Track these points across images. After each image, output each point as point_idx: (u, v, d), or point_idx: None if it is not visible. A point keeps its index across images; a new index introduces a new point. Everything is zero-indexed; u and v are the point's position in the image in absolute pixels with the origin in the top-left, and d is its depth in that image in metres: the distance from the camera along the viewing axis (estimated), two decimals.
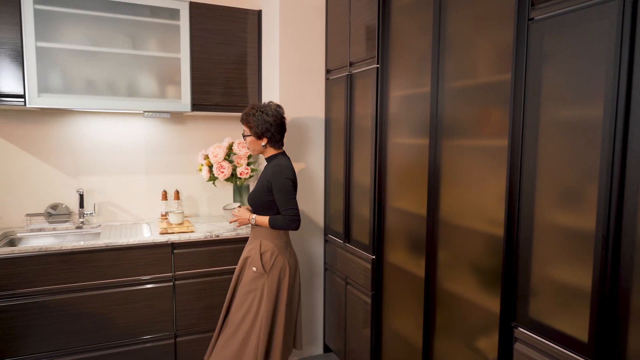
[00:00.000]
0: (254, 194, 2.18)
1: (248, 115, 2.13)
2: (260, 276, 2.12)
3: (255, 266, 2.12)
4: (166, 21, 2.65)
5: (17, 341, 2.26)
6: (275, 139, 2.14)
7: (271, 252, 2.12)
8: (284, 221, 2.07)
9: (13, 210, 2.71)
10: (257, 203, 2.16)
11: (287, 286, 2.15)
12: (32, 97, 2.38)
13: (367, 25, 2.22)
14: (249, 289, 2.14)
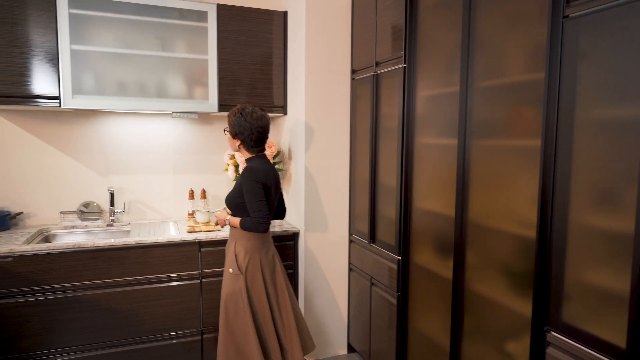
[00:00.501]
0: (230, 196, 2.19)
1: (230, 114, 2.18)
2: (237, 277, 2.12)
3: (232, 267, 2.14)
4: (194, 23, 2.70)
5: (51, 334, 2.33)
6: (248, 144, 2.15)
7: (245, 252, 2.12)
8: (251, 223, 2.07)
9: (47, 208, 2.80)
10: (231, 204, 2.18)
11: (263, 287, 2.14)
12: (66, 98, 2.46)
13: (394, 24, 2.21)
14: (231, 291, 2.15)
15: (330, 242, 2.76)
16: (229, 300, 2.15)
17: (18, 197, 2.74)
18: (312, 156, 2.68)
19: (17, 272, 2.25)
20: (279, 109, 2.95)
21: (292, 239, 2.78)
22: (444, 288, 1.91)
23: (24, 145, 2.73)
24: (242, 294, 2.11)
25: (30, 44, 2.39)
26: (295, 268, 2.81)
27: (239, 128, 2.13)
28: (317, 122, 2.67)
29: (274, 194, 2.19)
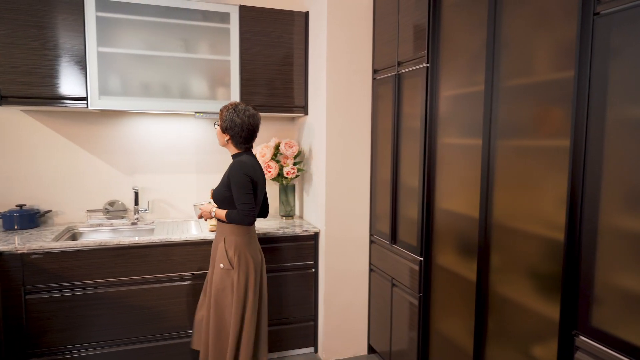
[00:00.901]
0: (217, 189, 2.22)
1: (223, 109, 2.21)
2: (228, 272, 2.15)
3: (222, 262, 2.16)
4: (217, 25, 2.73)
5: (76, 330, 2.39)
6: (237, 140, 2.18)
7: (234, 248, 2.15)
8: (237, 215, 2.10)
9: (75, 206, 2.87)
10: (219, 198, 2.20)
11: (253, 282, 2.18)
12: (93, 99, 2.51)
13: (417, 24, 2.19)
14: (221, 287, 2.17)
15: (350, 242, 2.76)
16: (219, 295, 2.17)
17: (47, 196, 2.82)
18: (332, 156, 2.68)
19: (46, 268, 2.31)
20: (299, 109, 2.96)
21: (313, 239, 2.79)
22: (467, 290, 1.89)
23: (52, 145, 2.80)
24: (233, 289, 2.15)
25: (59, 47, 2.46)
26: (315, 268, 2.81)
27: (230, 123, 2.16)
28: (338, 122, 2.67)
29: (260, 191, 2.22)
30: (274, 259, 2.71)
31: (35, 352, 2.35)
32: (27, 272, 2.28)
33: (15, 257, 2.26)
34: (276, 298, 2.74)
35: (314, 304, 2.84)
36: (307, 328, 2.85)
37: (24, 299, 2.29)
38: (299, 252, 2.76)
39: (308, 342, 2.87)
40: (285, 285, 2.75)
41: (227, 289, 2.16)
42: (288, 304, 2.78)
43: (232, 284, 2.15)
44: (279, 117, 3.22)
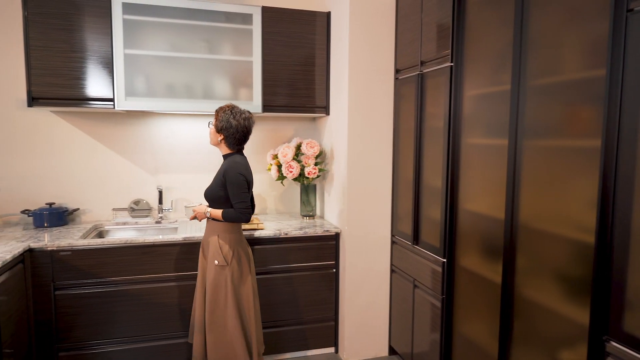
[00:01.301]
0: (210, 189, 2.24)
1: (220, 110, 2.24)
2: (223, 269, 2.19)
3: (217, 259, 2.19)
4: (239, 26, 2.76)
5: (103, 325, 2.45)
6: (231, 141, 2.22)
7: (229, 245, 2.20)
8: (235, 214, 2.16)
9: (101, 205, 2.94)
10: (212, 197, 2.23)
11: (247, 276, 2.25)
12: (120, 100, 2.57)
13: (440, 22, 2.17)
14: (216, 283, 2.20)
15: (371, 242, 2.75)
16: (214, 291, 2.20)
17: (75, 194, 2.89)
18: (354, 156, 2.67)
19: (74, 265, 2.37)
20: (321, 109, 2.97)
21: (334, 239, 2.79)
22: (492, 292, 1.86)
23: (80, 145, 2.88)
24: (228, 285, 2.18)
25: (87, 49, 2.52)
26: (336, 268, 2.81)
27: (226, 124, 2.19)
28: (360, 122, 2.66)
29: (251, 190, 2.27)
30: (294, 258, 2.72)
31: (64, 347, 2.41)
32: (56, 268, 2.35)
33: (45, 253, 2.33)
34: (297, 298, 2.75)
35: (335, 304, 2.84)
36: (328, 328, 2.85)
37: (53, 295, 2.36)
38: (320, 252, 2.76)
39: (329, 342, 2.87)
40: (306, 285, 2.76)
41: (222, 285, 2.20)
42: (309, 304, 2.78)
43: (227, 279, 2.19)
44: (300, 117, 3.23)
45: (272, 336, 2.73)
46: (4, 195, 2.79)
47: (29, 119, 2.78)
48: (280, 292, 2.71)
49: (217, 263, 2.19)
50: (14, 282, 2.13)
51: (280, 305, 2.72)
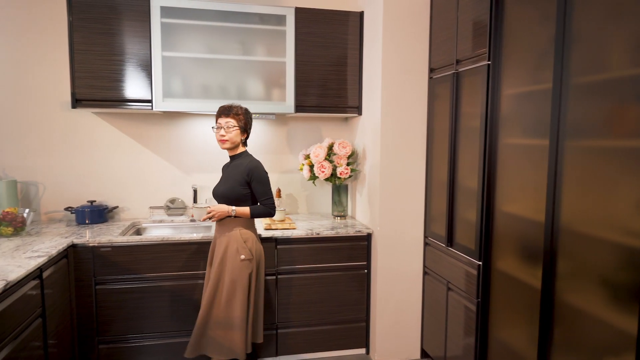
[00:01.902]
0: (230, 188, 2.24)
1: (241, 112, 2.27)
2: (248, 263, 2.21)
3: (244, 254, 2.20)
4: (273, 27, 2.79)
5: (141, 320, 2.52)
6: (246, 140, 2.36)
7: (251, 240, 2.26)
8: (264, 209, 2.25)
9: (139, 203, 3.03)
10: (234, 196, 2.23)
11: (263, 272, 2.34)
12: (157, 101, 2.64)
13: (477, 20, 2.12)
14: (235, 278, 2.20)
15: (404, 243, 2.72)
16: (234, 286, 2.19)
17: (114, 193, 3.00)
18: (387, 156, 2.65)
19: (114, 260, 2.45)
20: (353, 110, 2.96)
21: (366, 240, 2.78)
22: (530, 297, 1.80)
23: (119, 145, 2.98)
24: (252, 278, 2.24)
25: (126, 52, 2.61)
26: (368, 269, 2.80)
27: (249, 124, 2.32)
28: (393, 122, 2.64)
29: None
30: (326, 258, 2.72)
31: (103, 339, 2.50)
32: (97, 264, 2.44)
33: (87, 249, 2.42)
34: (328, 298, 2.75)
35: (366, 305, 2.83)
36: (359, 329, 2.84)
37: (94, 289, 2.45)
38: (351, 253, 2.76)
39: (360, 343, 2.86)
40: (337, 285, 2.76)
41: (244, 279, 2.21)
42: (340, 304, 2.78)
43: (251, 273, 2.23)
44: (332, 117, 3.23)
45: (304, 335, 2.75)
46: (49, 193, 2.92)
47: (72, 120, 2.90)
48: (311, 292, 2.72)
49: (244, 257, 2.22)
50: (58, 276, 2.22)
51: (311, 304, 2.73)
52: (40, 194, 2.91)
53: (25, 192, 2.88)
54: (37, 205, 2.90)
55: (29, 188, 2.89)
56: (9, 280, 1.69)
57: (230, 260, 2.22)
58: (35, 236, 2.46)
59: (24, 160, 2.86)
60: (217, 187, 2.31)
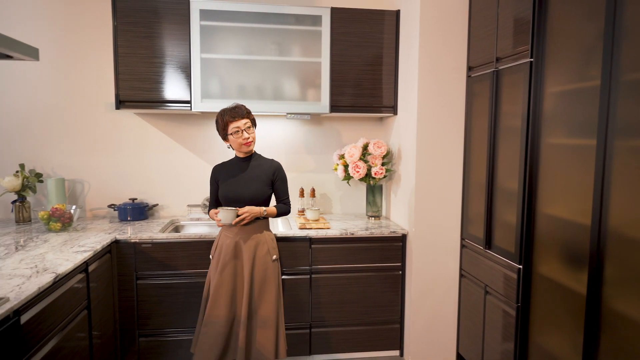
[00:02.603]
0: (259, 189, 2.22)
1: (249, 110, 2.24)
2: (277, 263, 2.28)
3: (275, 254, 2.27)
4: (309, 28, 2.80)
5: (179, 315, 2.59)
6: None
7: (275, 240, 2.33)
8: (286, 208, 2.32)
9: (177, 201, 3.12)
10: (262, 198, 2.24)
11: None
12: (196, 102, 2.71)
13: (519, 16, 2.06)
14: (269, 279, 2.23)
15: (440, 245, 2.67)
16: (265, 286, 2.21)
17: (154, 191, 3.09)
18: (423, 157, 2.61)
19: (154, 257, 2.53)
20: (388, 109, 2.94)
21: (400, 241, 2.75)
22: (575, 303, 1.73)
23: (159, 145, 3.07)
24: (279, 277, 2.30)
25: (166, 55, 2.69)
26: (402, 270, 2.77)
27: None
28: (429, 121, 2.60)
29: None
30: (360, 259, 2.71)
31: (143, 333, 2.58)
32: (138, 259, 2.52)
33: (129, 245, 2.51)
34: (362, 298, 2.74)
35: (401, 307, 2.80)
36: (393, 330, 2.81)
37: (135, 284, 2.54)
38: (385, 254, 2.74)
39: (393, 344, 2.83)
40: (371, 286, 2.74)
41: (275, 278, 2.25)
42: (373, 305, 2.76)
43: (279, 272, 2.31)
44: (366, 117, 3.21)
45: (337, 335, 2.75)
46: (94, 190, 3.04)
47: (116, 121, 3.01)
48: (344, 292, 2.72)
49: (275, 258, 2.26)
50: (102, 271, 2.31)
51: (344, 304, 2.73)
52: (85, 192, 3.04)
53: (72, 190, 3.02)
54: (82, 202, 3.04)
55: (76, 186, 3.02)
56: (58, 273, 1.78)
57: (261, 262, 2.21)
58: (81, 231, 2.58)
59: (71, 159, 3.00)
60: (241, 190, 2.21)
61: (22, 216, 2.81)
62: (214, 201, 2.32)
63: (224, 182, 2.24)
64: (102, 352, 2.28)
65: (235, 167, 2.27)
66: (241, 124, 2.16)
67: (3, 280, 1.66)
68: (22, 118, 2.93)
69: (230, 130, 2.16)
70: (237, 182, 2.23)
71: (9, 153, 2.93)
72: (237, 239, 2.21)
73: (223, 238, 2.24)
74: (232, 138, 2.18)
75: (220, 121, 2.19)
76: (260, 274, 2.21)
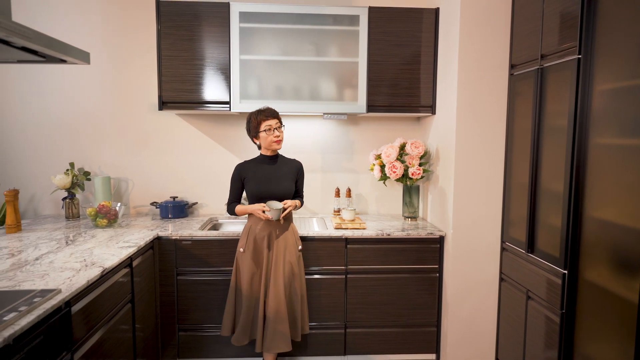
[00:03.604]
0: (290, 186, 2.37)
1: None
2: (300, 253, 2.43)
3: (300, 245, 2.45)
4: (346, 27, 2.80)
5: (215, 311, 2.65)
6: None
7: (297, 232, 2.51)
8: (303, 201, 2.54)
9: (215, 199, 3.19)
10: (290, 193, 2.38)
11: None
12: (235, 103, 2.76)
13: (566, 12, 1.98)
14: (298, 270, 2.39)
15: (479, 248, 2.60)
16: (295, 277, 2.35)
17: (193, 189, 3.18)
18: (462, 157, 2.56)
19: (194, 253, 2.60)
20: (426, 109, 2.89)
21: (438, 242, 2.70)
22: (625, 312, 1.65)
23: (199, 145, 3.15)
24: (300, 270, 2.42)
25: (207, 57, 2.75)
26: (440, 272, 2.72)
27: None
28: (469, 121, 2.54)
29: None
30: (396, 260, 2.68)
31: (183, 327, 2.66)
32: (178, 255, 2.60)
33: (170, 242, 2.59)
34: (397, 300, 2.71)
35: (437, 310, 2.75)
36: (429, 334, 2.77)
37: (176, 279, 2.61)
38: (422, 255, 2.70)
39: (429, 348, 2.79)
40: (406, 288, 2.71)
41: (302, 267, 2.44)
42: (409, 307, 2.73)
43: (302, 261, 2.47)
44: (403, 117, 3.18)
45: (372, 336, 2.73)
46: (137, 188, 3.16)
47: (158, 122, 3.12)
48: (380, 293, 2.70)
49: (301, 248, 2.44)
50: (145, 266, 2.40)
51: (380, 305, 2.71)
52: (129, 190, 3.16)
53: (117, 188, 3.15)
54: (127, 200, 3.16)
55: (120, 184, 3.15)
56: (106, 267, 1.86)
57: (291, 253, 2.35)
58: (126, 228, 2.68)
59: (116, 158, 3.13)
60: (274, 187, 2.34)
61: (71, 212, 2.95)
62: (235, 198, 2.43)
63: (252, 179, 2.36)
64: (144, 345, 2.36)
65: (263, 165, 2.40)
66: (273, 122, 2.32)
67: (55, 272, 1.75)
68: (72, 119, 3.08)
69: (263, 127, 2.31)
70: (268, 179, 2.35)
71: (59, 152, 3.09)
72: (270, 230, 2.34)
73: (254, 230, 2.36)
74: (264, 135, 2.32)
75: (253, 120, 2.34)
76: (290, 263, 2.34)
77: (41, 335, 1.39)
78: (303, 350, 2.71)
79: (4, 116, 3.05)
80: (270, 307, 2.30)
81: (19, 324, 1.27)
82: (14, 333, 1.23)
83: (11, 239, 2.34)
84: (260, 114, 2.32)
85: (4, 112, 3.05)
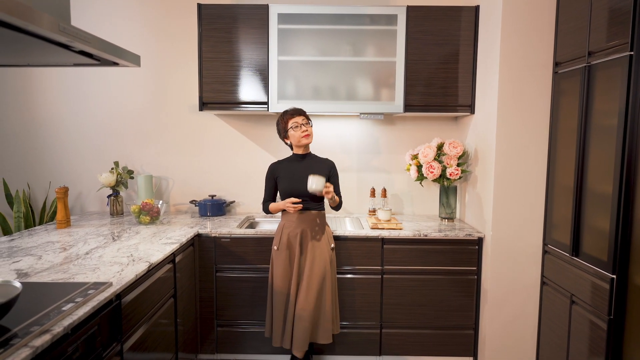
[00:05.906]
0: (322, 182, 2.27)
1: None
2: (332, 252, 2.45)
3: (333, 243, 2.46)
4: (384, 27, 2.79)
5: (253, 308, 2.70)
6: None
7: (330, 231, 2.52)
8: (341, 201, 2.49)
9: (252, 198, 3.25)
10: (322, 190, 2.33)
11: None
12: (273, 103, 2.80)
13: (616, 7, 1.91)
14: (331, 267, 2.40)
15: (519, 250, 2.54)
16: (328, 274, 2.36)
17: (231, 188, 3.25)
18: (502, 157, 2.51)
19: (232, 251, 2.66)
20: (464, 108, 2.85)
21: (476, 244, 2.65)
22: None
23: (236, 144, 3.22)
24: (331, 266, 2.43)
25: (246, 58, 2.81)
26: (478, 274, 2.68)
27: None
28: (510, 120, 2.48)
29: None
30: (433, 261, 2.66)
31: (221, 323, 2.72)
32: (217, 253, 2.66)
33: (210, 239, 2.66)
34: (434, 301, 2.69)
35: (475, 313, 2.70)
36: (467, 336, 2.73)
37: (215, 276, 2.68)
38: (459, 257, 2.66)
39: (466, 350, 2.74)
40: (444, 289, 2.68)
41: (334, 265, 2.47)
42: (446, 309, 2.70)
43: (334, 259, 2.49)
44: (440, 116, 3.14)
45: (408, 337, 2.72)
46: (177, 187, 3.25)
47: (197, 122, 3.20)
48: (416, 294, 2.68)
49: (333, 246, 2.45)
50: (186, 262, 2.47)
51: (416, 306, 2.69)
52: (170, 188, 3.26)
53: (158, 186, 3.25)
54: (167, 198, 3.26)
55: (161, 182, 3.25)
56: (151, 262, 1.93)
57: (324, 251, 2.37)
58: (167, 225, 2.77)
59: (158, 158, 3.23)
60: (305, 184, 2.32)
61: (115, 209, 3.07)
62: (270, 197, 2.49)
63: (284, 177, 2.42)
64: (184, 339, 2.43)
65: (294, 164, 2.45)
66: (299, 119, 2.39)
67: (105, 267, 1.83)
68: (117, 120, 3.20)
69: (290, 124, 2.38)
70: (299, 177, 2.37)
71: (105, 151, 3.22)
72: (303, 227, 2.38)
73: (287, 228, 2.39)
74: (292, 132, 2.39)
75: (281, 121, 2.43)
76: (322, 261, 2.35)
77: (95, 326, 1.46)
78: (337, 349, 2.72)
79: (54, 118, 3.21)
80: (300, 305, 2.32)
81: (77, 314, 1.34)
82: (72, 323, 1.30)
83: (62, 234, 2.45)
84: (286, 114, 2.42)
85: (55, 114, 3.20)
